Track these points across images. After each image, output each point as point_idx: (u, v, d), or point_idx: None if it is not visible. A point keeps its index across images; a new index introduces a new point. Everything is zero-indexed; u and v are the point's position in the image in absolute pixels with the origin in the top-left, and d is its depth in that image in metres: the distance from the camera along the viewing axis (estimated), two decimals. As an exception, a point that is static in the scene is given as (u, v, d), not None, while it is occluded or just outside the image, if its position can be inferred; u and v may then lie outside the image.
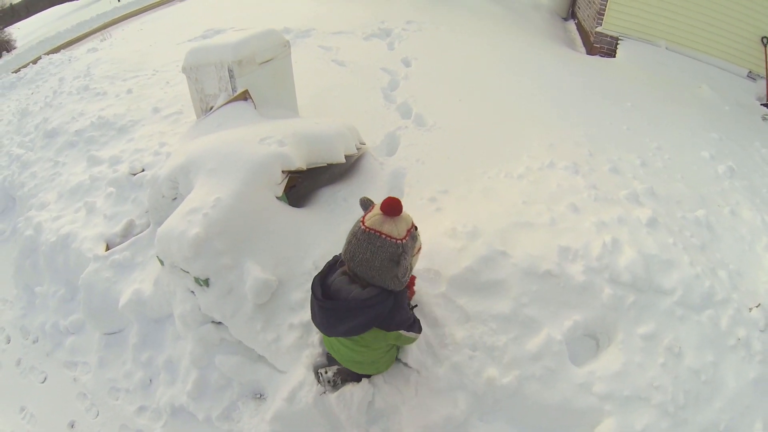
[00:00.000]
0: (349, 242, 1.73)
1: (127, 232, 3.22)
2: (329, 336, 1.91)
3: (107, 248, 3.10)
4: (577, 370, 2.19)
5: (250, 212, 2.36)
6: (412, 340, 1.96)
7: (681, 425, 2.09)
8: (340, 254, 1.85)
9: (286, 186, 2.65)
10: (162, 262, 2.48)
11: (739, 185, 3.74)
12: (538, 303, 2.31)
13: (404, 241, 1.67)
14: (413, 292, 2.30)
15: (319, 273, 1.87)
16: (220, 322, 2.32)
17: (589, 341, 2.38)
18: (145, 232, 3.06)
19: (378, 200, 1.78)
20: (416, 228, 1.77)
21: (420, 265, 2.38)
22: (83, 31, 13.18)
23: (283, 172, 2.58)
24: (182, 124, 4.33)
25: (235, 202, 2.31)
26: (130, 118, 4.63)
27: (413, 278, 2.26)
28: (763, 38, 5.97)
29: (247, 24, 7.06)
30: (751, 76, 6.16)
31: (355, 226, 1.73)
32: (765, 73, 5.99)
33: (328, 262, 1.94)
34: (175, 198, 2.81)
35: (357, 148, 3.23)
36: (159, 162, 3.63)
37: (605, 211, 2.84)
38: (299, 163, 2.62)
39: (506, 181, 3.15)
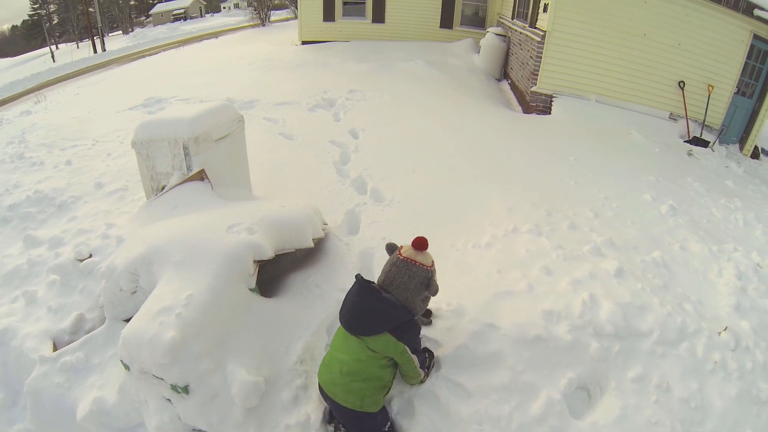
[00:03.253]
0: (388, 270, 2.08)
1: (77, 329, 2.89)
2: (350, 330, 2.02)
3: (55, 348, 2.76)
4: (580, 423, 2.24)
5: (227, 308, 2.20)
6: (415, 372, 2.13)
7: (683, 453, 2.18)
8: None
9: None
10: (127, 367, 2.22)
11: (683, 221, 4.04)
12: (533, 368, 2.35)
13: (432, 267, 2.09)
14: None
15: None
16: (203, 430, 2.09)
17: (581, 393, 2.43)
18: (99, 329, 2.75)
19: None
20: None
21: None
22: (16, 91, 12.42)
23: (254, 262, 2.45)
24: (129, 203, 4.09)
25: (209, 298, 2.14)
26: (71, 194, 4.32)
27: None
28: (679, 82, 6.68)
29: (189, 94, 6.98)
30: (673, 117, 6.86)
31: (393, 257, 2.10)
32: (684, 114, 6.66)
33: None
34: (135, 291, 2.58)
35: (322, 230, 3.15)
36: (109, 247, 3.36)
37: (576, 268, 2.96)
38: (270, 252, 2.51)
39: (475, 252, 3.20)
